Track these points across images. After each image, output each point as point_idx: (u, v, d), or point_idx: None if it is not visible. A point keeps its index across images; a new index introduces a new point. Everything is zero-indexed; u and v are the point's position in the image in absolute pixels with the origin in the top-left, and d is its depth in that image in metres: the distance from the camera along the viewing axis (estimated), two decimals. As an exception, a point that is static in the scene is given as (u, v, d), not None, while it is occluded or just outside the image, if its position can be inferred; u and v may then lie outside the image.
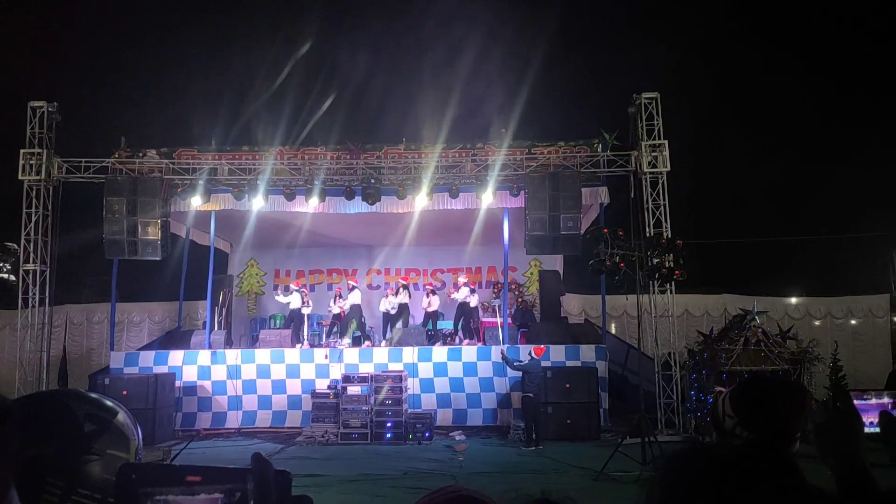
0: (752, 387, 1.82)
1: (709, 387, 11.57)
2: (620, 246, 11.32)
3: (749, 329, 11.78)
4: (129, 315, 18.51)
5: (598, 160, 13.79)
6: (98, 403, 1.33)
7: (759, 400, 1.75)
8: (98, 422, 1.28)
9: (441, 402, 13.32)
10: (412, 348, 13.58)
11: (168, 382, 13.03)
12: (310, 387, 13.22)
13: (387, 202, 13.90)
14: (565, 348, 13.30)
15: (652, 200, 13.42)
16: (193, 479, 1.16)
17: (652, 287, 13.00)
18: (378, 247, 18.60)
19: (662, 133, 13.53)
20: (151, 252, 13.56)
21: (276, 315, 17.59)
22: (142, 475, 1.18)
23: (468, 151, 14.24)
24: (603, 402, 12.83)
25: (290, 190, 13.80)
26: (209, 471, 1.18)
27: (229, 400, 13.60)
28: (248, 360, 13.70)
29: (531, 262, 18.11)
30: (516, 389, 12.69)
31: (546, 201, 13.15)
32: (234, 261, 19.06)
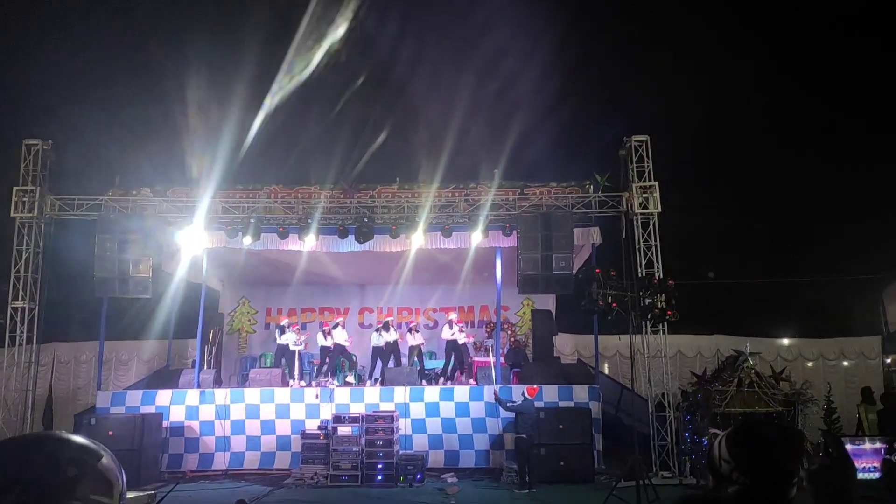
0: (749, 432, 1.80)
1: (703, 428, 11.47)
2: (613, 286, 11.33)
3: (742, 370, 11.75)
4: (117, 353, 18.27)
5: (589, 201, 13.90)
6: (81, 447, 1.30)
7: (756, 445, 1.73)
8: (81, 466, 1.25)
9: (433, 444, 13.14)
10: (404, 388, 13.44)
11: (155, 423, 12.81)
12: (300, 427, 13.02)
13: (380, 241, 13.92)
14: (558, 388, 13.19)
15: (643, 241, 13.49)
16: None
17: (644, 327, 12.98)
18: (371, 285, 18.55)
19: (653, 175, 13.68)
20: (142, 290, 13.47)
21: (267, 354, 17.40)
22: (125, 523, 1.14)
23: (461, 191, 14.34)
24: (597, 443, 12.69)
25: (283, 228, 13.81)
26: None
27: (217, 441, 13.36)
28: (238, 400, 13.50)
29: (524, 301, 18.09)
30: (509, 430, 12.54)
31: (538, 241, 13.20)
32: (225, 299, 18.93)
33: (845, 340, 18.59)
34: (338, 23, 18.07)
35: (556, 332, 16.45)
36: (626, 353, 15.53)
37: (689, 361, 17.15)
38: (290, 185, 14.66)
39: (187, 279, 16.42)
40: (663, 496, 8.79)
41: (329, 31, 18.41)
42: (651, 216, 13.57)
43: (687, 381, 13.47)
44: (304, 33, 17.89)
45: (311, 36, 18.53)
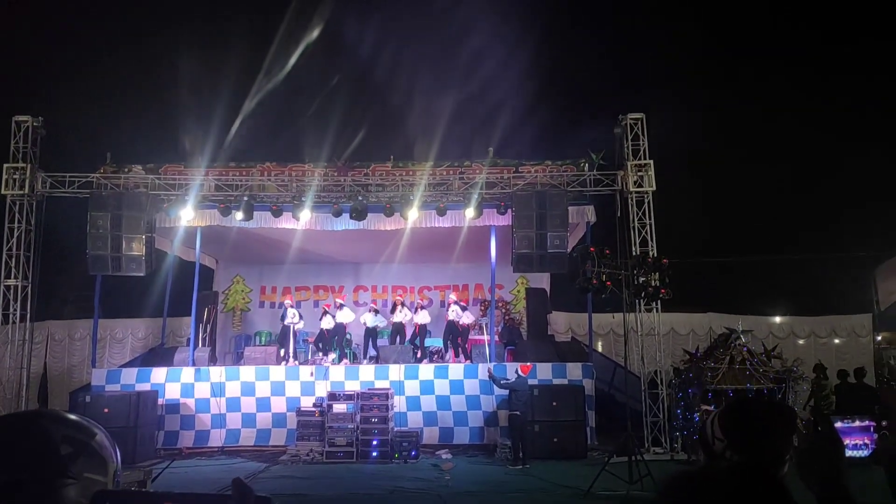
0: (742, 410, 1.81)
1: (695, 405, 11.59)
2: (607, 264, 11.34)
3: (734, 348, 11.84)
4: (111, 331, 18.28)
5: (584, 179, 13.88)
6: (75, 424, 1.29)
7: (748, 423, 1.74)
8: (75, 444, 1.24)
9: (427, 421, 13.23)
10: (398, 366, 13.50)
11: (150, 400, 12.85)
12: (295, 405, 13.08)
13: (374, 219, 13.89)
14: (552, 366, 13.27)
15: (638, 219, 13.49)
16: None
17: (638, 305, 13.04)
18: (365, 264, 18.54)
19: (648, 153, 13.65)
20: (135, 268, 13.42)
21: (262, 332, 17.44)
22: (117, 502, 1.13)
23: (456, 169, 14.28)
24: (590, 420, 12.80)
25: (277, 206, 13.75)
26: (187, 498, 1.13)
27: (213, 418, 13.42)
28: (233, 378, 13.55)
29: (518, 279, 18.12)
30: (503, 407, 12.64)
31: (533, 219, 13.19)
32: (219, 277, 18.91)
33: (837, 318, 18.74)
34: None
35: (551, 311, 16.53)
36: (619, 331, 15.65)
37: (682, 339, 17.27)
38: (284, 163, 14.57)
39: (181, 257, 16.40)
40: (654, 472, 8.90)
41: (323, 7, 18.18)
42: (646, 194, 13.56)
43: (679, 358, 13.57)
44: (297, 8, 17.66)
45: (306, 11, 18.31)
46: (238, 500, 1.09)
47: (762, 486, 1.01)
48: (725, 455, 1.71)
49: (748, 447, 1.69)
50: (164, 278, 16.07)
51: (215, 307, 17.04)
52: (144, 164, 14.41)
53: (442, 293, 18.57)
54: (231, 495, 1.11)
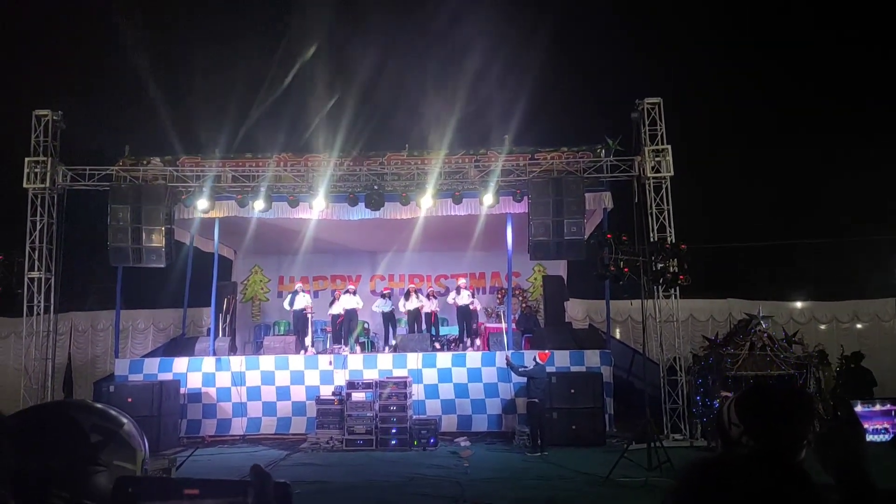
0: (759, 394, 1.80)
1: (714, 392, 11.55)
2: (625, 251, 11.31)
3: (754, 334, 11.76)
4: (133, 322, 18.54)
5: (601, 165, 13.80)
6: (104, 414, 1.33)
7: (765, 408, 1.74)
8: (104, 432, 1.28)
9: (446, 408, 13.31)
10: (416, 354, 13.57)
11: (173, 389, 13.04)
12: (314, 393, 13.22)
13: (390, 208, 13.93)
14: (570, 353, 13.27)
15: (656, 205, 13.41)
16: (192, 493, 1.15)
17: (656, 292, 12.99)
18: (381, 253, 18.60)
19: (665, 138, 13.53)
20: (156, 259, 13.58)
21: (280, 322, 17.59)
22: (139, 488, 1.17)
23: (471, 157, 14.26)
24: (608, 407, 12.81)
25: (293, 196, 13.83)
26: (208, 484, 1.16)
27: (234, 407, 13.60)
28: (253, 367, 13.70)
29: (535, 267, 18.09)
30: (521, 395, 12.67)
31: (549, 206, 13.15)
32: (237, 267, 19.08)
33: (859, 303, 18.51)
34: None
35: (568, 298, 16.50)
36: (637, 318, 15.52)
37: (701, 326, 17.17)
38: (300, 154, 14.63)
39: (199, 248, 16.57)
40: (674, 458, 8.89)
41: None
42: (663, 180, 13.46)
43: (699, 345, 13.51)
44: None
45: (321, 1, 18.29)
46: (257, 486, 1.12)
47: (781, 471, 1.01)
48: (742, 441, 1.72)
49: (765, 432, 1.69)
50: (183, 269, 16.25)
51: (234, 297, 17.22)
52: (162, 156, 14.54)
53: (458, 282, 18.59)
54: (251, 481, 1.14)
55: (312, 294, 17.48)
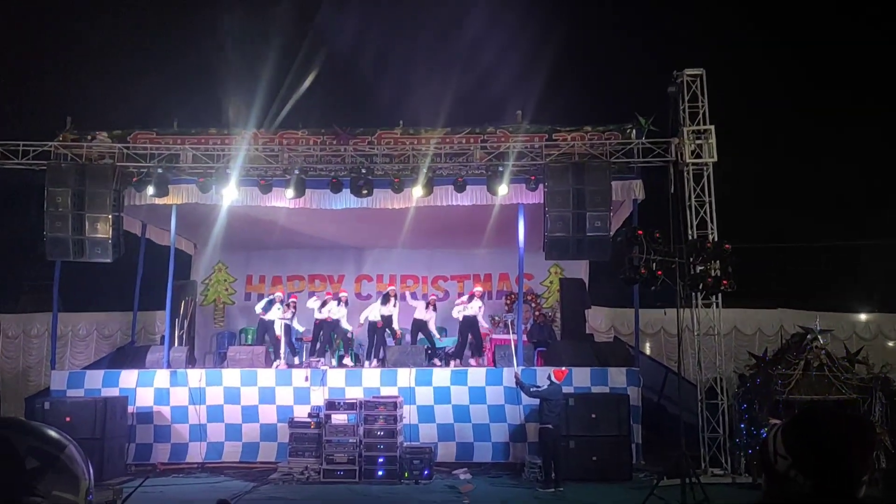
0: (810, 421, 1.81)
1: (762, 419, 11.57)
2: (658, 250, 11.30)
3: (810, 351, 11.77)
4: (73, 327, 18.53)
5: (631, 148, 13.79)
6: (42, 435, 1.32)
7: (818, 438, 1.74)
8: (42, 457, 1.27)
9: (443, 434, 13.32)
10: (409, 370, 13.58)
11: (119, 408, 13.04)
12: (287, 414, 13.23)
13: (380, 196, 13.92)
14: (591, 371, 13.28)
15: (695, 197, 13.40)
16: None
17: (695, 300, 12.98)
18: (369, 249, 18.59)
19: (708, 117, 13.52)
20: (101, 253, 13.57)
21: (248, 329, 17.57)
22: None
23: (477, 137, 14.25)
24: (635, 435, 12.83)
25: (265, 181, 13.83)
26: None
27: (191, 429, 13.61)
28: (215, 382, 13.70)
29: (551, 268, 18.08)
30: (532, 420, 12.67)
31: (569, 196, 13.15)
32: (198, 264, 19.07)
33: (935, 316, 18.51)
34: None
35: (590, 305, 16.50)
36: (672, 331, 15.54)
37: (748, 340, 17.18)
38: (273, 130, 14.61)
39: (153, 241, 16.55)
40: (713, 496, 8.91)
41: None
42: (705, 167, 13.45)
43: (744, 363, 13.51)
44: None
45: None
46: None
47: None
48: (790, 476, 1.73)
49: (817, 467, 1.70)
50: (133, 265, 16.23)
51: (194, 300, 17.23)
52: (110, 130, 14.52)
53: (460, 284, 18.59)
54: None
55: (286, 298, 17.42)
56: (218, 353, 17.15)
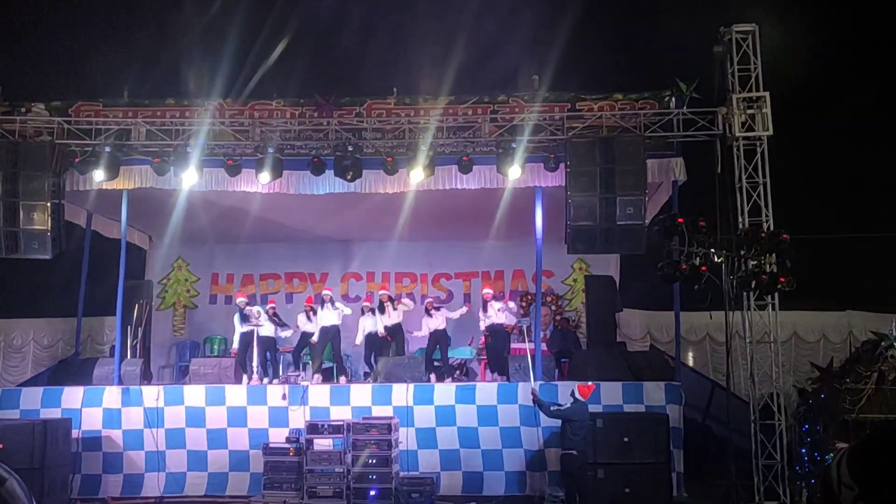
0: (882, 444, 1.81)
1: (827, 442, 11.58)
2: (702, 242, 11.31)
3: (885, 361, 11.77)
4: (6, 336, 18.56)
5: (670, 120, 13.74)
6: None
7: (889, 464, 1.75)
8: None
9: (446, 462, 13.33)
10: (406, 385, 13.58)
11: (62, 432, 13.04)
12: (261, 439, 13.24)
13: (370, 178, 13.91)
14: (622, 386, 13.28)
15: (747, 177, 13.36)
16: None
17: (747, 301, 12.97)
18: (357, 242, 18.61)
19: (762, 82, 13.49)
20: (38, 248, 13.58)
21: (214, 337, 17.61)
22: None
23: (486, 107, 14.22)
24: (676, 462, 12.82)
25: (233, 161, 13.82)
26: None
27: (147, 457, 13.62)
28: (175, 401, 13.71)
29: (574, 264, 18.09)
30: (553, 445, 12.69)
31: (596, 178, 13.12)
32: (154, 261, 19.08)
33: None
34: None
35: (621, 308, 16.51)
36: (719, 338, 15.57)
37: (810, 348, 17.17)
38: (243, 100, 14.61)
39: (101, 233, 16.56)
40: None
41: None
42: (758, 141, 13.41)
43: (805, 375, 13.51)
44: None
45: None
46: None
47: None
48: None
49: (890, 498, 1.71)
50: (78, 262, 16.25)
51: (149, 303, 17.25)
52: (48, 101, 14.52)
53: (466, 283, 18.60)
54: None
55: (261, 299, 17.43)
56: (178, 366, 17.17)
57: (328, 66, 18.56)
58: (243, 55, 18.04)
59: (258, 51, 17.70)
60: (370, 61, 20.87)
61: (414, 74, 16.54)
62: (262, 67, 16.61)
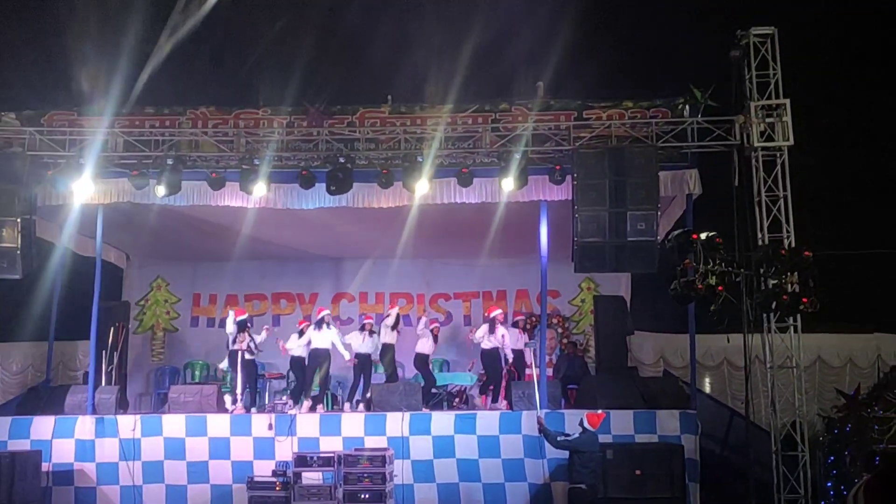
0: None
1: (855, 474, 11.52)
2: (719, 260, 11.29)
3: (916, 387, 11.75)
4: (-28, 362, 18.56)
5: (683, 129, 13.76)
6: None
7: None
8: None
9: (445, 497, 13.27)
10: (401, 414, 13.54)
11: (31, 465, 12.97)
12: (245, 472, 13.17)
13: (363, 192, 13.91)
14: (634, 415, 13.25)
15: (766, 191, 13.39)
16: None
17: (767, 323, 12.95)
18: (350, 260, 18.62)
19: (782, 88, 13.52)
20: (7, 267, 13.53)
21: (195, 362, 17.58)
22: None
23: (487, 116, 14.25)
24: (692, 497, 12.78)
25: (216, 173, 13.82)
26: None
27: (123, 492, 13.54)
28: (153, 432, 13.66)
29: (582, 283, 18.12)
30: (560, 478, 12.66)
31: (605, 192, 13.11)
32: (131, 281, 19.09)
33: None
34: None
35: (632, 331, 16.48)
36: (738, 362, 15.52)
37: (835, 374, 17.16)
38: (227, 109, 14.62)
39: (75, 251, 16.54)
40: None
41: None
42: (778, 152, 13.44)
43: (831, 403, 13.48)
44: None
45: None
46: None
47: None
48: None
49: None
50: (50, 283, 16.22)
51: (126, 326, 17.20)
52: (18, 110, 14.54)
53: (466, 303, 18.56)
54: None
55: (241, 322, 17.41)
56: (156, 394, 17.13)
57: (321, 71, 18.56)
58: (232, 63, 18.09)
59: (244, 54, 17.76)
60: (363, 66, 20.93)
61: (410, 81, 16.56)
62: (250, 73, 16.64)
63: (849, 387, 14.49)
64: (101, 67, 16.68)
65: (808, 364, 14.70)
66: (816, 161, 16.94)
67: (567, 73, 16.00)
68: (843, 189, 21.47)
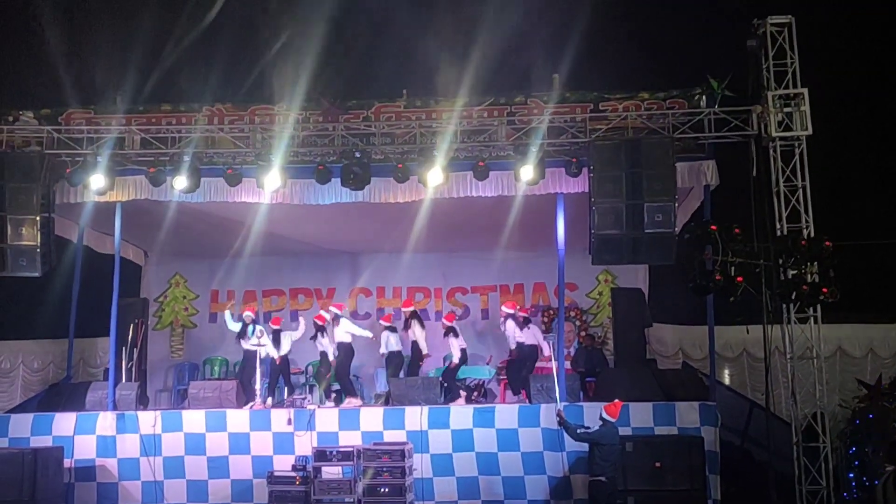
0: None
1: (877, 465, 11.46)
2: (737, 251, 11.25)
3: (938, 377, 11.68)
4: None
5: (700, 120, 13.71)
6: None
7: None
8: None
9: (465, 491, 13.28)
10: (419, 408, 13.55)
11: (53, 461, 13.05)
12: (265, 467, 13.23)
13: (379, 187, 13.91)
14: (653, 407, 13.21)
15: (785, 181, 13.32)
16: None
17: (787, 313, 12.89)
18: (366, 255, 18.62)
19: (800, 77, 13.43)
20: (27, 265, 13.62)
21: (214, 358, 17.63)
22: None
23: (502, 109, 14.23)
24: (712, 489, 12.73)
25: (233, 169, 13.85)
26: None
27: (144, 488, 13.62)
28: (173, 428, 13.72)
29: (600, 276, 18.05)
30: (580, 471, 12.65)
31: (622, 183, 13.09)
32: (150, 278, 19.16)
33: None
34: None
35: (651, 323, 16.43)
36: (757, 353, 15.47)
37: (857, 364, 17.04)
38: (243, 105, 14.65)
39: (93, 248, 16.62)
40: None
41: None
42: (797, 142, 13.36)
43: (852, 394, 13.41)
44: None
45: None
46: None
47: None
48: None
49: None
50: (69, 280, 16.31)
51: (145, 323, 17.27)
52: (37, 109, 14.61)
53: (483, 297, 18.55)
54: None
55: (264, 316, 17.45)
56: (176, 389, 17.21)
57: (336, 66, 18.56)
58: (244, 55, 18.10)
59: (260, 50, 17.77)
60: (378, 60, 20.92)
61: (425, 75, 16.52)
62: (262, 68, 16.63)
63: (870, 377, 14.41)
64: (117, 65, 16.74)
65: (829, 354, 14.62)
66: (835, 150, 16.82)
67: (583, 64, 15.92)
68: (863, 178, 21.34)
